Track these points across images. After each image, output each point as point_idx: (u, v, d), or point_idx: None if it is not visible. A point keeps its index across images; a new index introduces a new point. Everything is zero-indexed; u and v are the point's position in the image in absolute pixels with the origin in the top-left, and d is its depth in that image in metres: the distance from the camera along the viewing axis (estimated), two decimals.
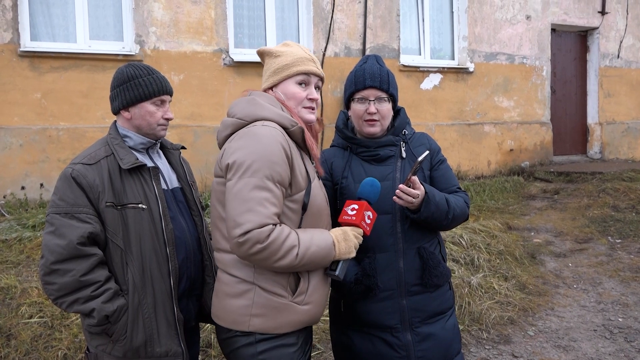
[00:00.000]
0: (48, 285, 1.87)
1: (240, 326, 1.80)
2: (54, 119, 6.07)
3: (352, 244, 1.86)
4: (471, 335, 3.99)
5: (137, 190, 1.98)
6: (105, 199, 1.92)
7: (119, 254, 1.94)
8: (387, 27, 8.04)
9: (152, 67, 2.10)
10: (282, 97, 1.94)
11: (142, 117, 2.05)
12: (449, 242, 5.18)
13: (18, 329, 3.37)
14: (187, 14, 6.67)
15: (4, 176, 5.82)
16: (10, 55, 5.86)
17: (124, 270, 1.94)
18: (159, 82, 2.06)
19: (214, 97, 6.84)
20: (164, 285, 1.98)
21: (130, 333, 1.92)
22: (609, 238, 6.08)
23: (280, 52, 1.97)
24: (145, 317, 1.94)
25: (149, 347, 1.95)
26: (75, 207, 1.88)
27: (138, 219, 1.96)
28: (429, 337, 2.09)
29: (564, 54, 10.17)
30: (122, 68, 2.08)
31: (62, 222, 1.86)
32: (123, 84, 2.04)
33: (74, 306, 1.87)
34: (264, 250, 1.67)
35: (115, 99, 2.07)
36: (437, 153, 2.24)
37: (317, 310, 1.89)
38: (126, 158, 1.98)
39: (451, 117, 8.69)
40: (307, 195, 1.85)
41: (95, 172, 1.93)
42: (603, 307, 4.49)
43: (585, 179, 8.33)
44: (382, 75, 2.12)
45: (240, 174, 1.72)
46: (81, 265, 1.84)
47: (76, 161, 1.96)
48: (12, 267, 4.13)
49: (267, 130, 1.78)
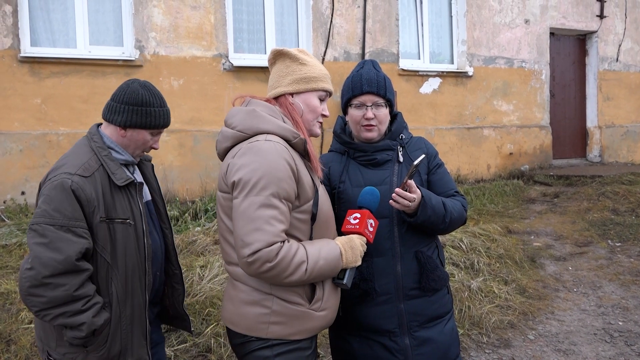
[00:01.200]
0: (33, 297, 1.80)
1: (258, 333, 1.81)
2: (54, 124, 6.08)
3: (358, 252, 1.87)
4: (471, 340, 3.99)
5: (125, 205, 1.98)
6: (100, 214, 1.90)
7: (105, 268, 1.93)
8: (386, 31, 8.06)
9: (163, 98, 2.10)
10: (301, 106, 1.94)
11: (135, 141, 2.05)
12: (449, 246, 5.19)
13: (18, 334, 3.37)
14: (186, 19, 6.70)
15: (4, 181, 5.83)
16: (11, 60, 5.88)
17: (108, 284, 1.94)
18: (166, 117, 2.08)
19: (213, 101, 6.85)
20: (141, 298, 2.03)
21: (110, 344, 1.94)
22: (609, 241, 6.08)
23: (306, 60, 1.96)
24: (123, 329, 1.97)
25: (122, 357, 1.98)
26: (72, 220, 1.84)
27: (125, 234, 1.97)
28: (427, 341, 2.09)
29: (563, 58, 10.19)
30: (139, 89, 2.02)
31: (57, 236, 1.81)
32: (134, 106, 2.00)
33: (59, 319, 1.83)
34: (274, 268, 1.68)
35: (118, 113, 2.01)
36: (435, 157, 2.25)
37: (332, 315, 1.93)
38: (118, 174, 1.97)
39: (450, 121, 8.70)
40: (315, 206, 1.86)
41: (92, 186, 1.90)
42: (603, 311, 4.48)
43: (585, 183, 8.33)
44: (379, 81, 2.13)
45: (246, 193, 1.72)
46: (75, 280, 1.82)
47: (71, 171, 1.90)
48: (12, 272, 4.14)
49: (271, 145, 1.77)
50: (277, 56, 2.00)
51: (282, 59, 1.98)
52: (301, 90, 1.94)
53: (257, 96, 1.99)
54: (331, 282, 1.90)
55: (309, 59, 1.98)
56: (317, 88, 1.95)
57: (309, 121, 1.96)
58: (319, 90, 1.97)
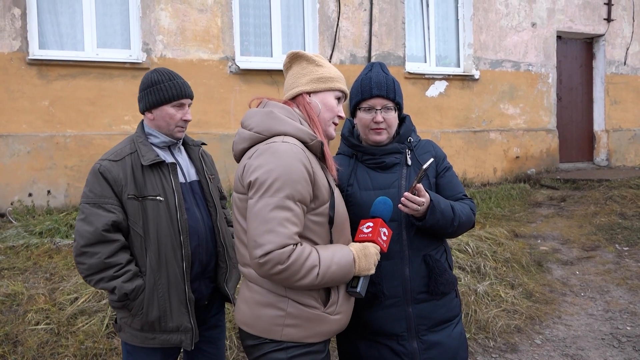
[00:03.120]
0: (80, 265, 2.14)
1: (272, 335, 1.81)
2: (62, 126, 6.11)
3: (372, 260, 1.86)
4: (478, 344, 3.97)
5: (156, 183, 2.21)
6: (128, 192, 2.16)
7: (139, 240, 2.19)
8: (393, 34, 8.06)
9: (174, 73, 2.32)
10: (319, 105, 1.96)
11: (162, 119, 2.28)
12: (455, 250, 5.17)
13: (25, 335, 3.39)
14: (193, 22, 6.72)
15: (11, 183, 5.86)
16: (19, 63, 5.92)
17: (143, 254, 2.19)
18: (179, 87, 2.28)
19: (220, 104, 6.87)
20: (177, 269, 2.21)
21: (146, 309, 2.17)
22: (616, 246, 6.04)
23: (322, 62, 2.00)
24: (159, 296, 2.19)
25: (162, 322, 2.20)
26: (102, 198, 2.14)
27: (156, 209, 2.19)
28: (436, 345, 2.08)
29: (570, 61, 10.16)
30: (148, 73, 2.31)
31: (90, 211, 2.13)
32: (147, 88, 2.28)
33: (100, 284, 2.14)
34: (285, 270, 1.68)
35: (141, 101, 2.31)
36: (443, 160, 2.24)
37: (346, 319, 1.93)
38: (147, 155, 2.21)
39: (457, 124, 8.68)
40: (332, 209, 1.86)
41: (120, 168, 2.18)
42: (611, 316, 4.45)
43: (592, 186, 8.29)
44: (388, 84, 2.13)
45: (261, 193, 1.72)
46: (106, 249, 2.11)
47: (104, 157, 2.22)
48: (19, 273, 4.15)
49: (287, 147, 1.77)
50: (293, 59, 2.02)
51: (298, 61, 2.01)
52: (318, 89, 1.96)
53: (275, 98, 2.00)
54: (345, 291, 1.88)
55: (324, 62, 2.01)
56: (334, 88, 1.97)
57: (326, 121, 1.97)
58: (336, 90, 1.99)
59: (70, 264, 4.32)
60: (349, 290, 1.87)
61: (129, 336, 2.23)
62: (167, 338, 2.22)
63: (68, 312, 3.60)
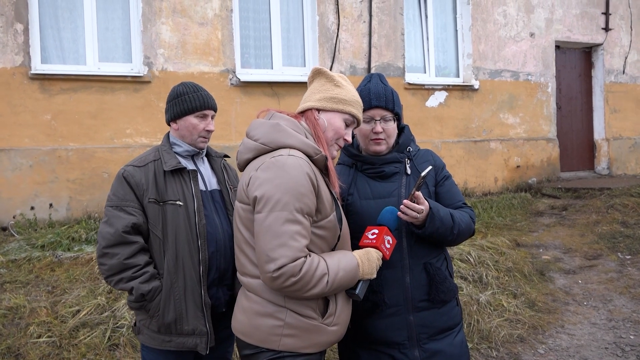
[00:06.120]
0: (101, 266, 2.23)
1: (270, 344, 1.82)
2: (64, 140, 6.15)
3: (374, 265, 1.89)
4: (480, 354, 3.95)
5: (177, 189, 2.29)
6: (149, 196, 2.25)
7: (158, 243, 2.26)
8: (392, 46, 8.12)
9: (199, 86, 2.42)
10: (325, 123, 1.96)
11: (186, 129, 2.37)
12: (457, 260, 5.16)
13: (27, 348, 3.38)
14: (194, 35, 6.78)
15: (14, 196, 5.88)
16: (22, 77, 5.97)
17: (162, 257, 2.26)
18: (202, 99, 2.38)
19: (220, 116, 6.90)
20: (194, 273, 2.26)
21: (163, 311, 2.22)
22: (619, 254, 6.03)
23: (340, 83, 2.00)
24: (176, 299, 2.23)
25: (179, 325, 2.24)
26: (124, 201, 2.24)
27: (175, 214, 2.26)
28: (437, 353, 2.08)
29: (569, 71, 10.20)
30: (175, 86, 2.43)
31: (112, 214, 2.23)
32: (173, 100, 2.39)
33: (119, 284, 2.21)
34: (298, 282, 1.71)
35: (167, 112, 2.43)
36: (442, 169, 2.26)
37: (343, 330, 1.94)
38: (169, 162, 2.31)
39: (457, 134, 8.71)
40: (339, 222, 1.89)
41: (143, 173, 2.28)
42: (614, 325, 4.43)
43: (594, 195, 8.28)
44: (387, 95, 2.15)
45: (270, 208, 1.74)
46: (125, 250, 2.19)
47: (129, 163, 2.34)
48: (21, 286, 4.16)
49: (294, 160, 1.79)
50: (315, 75, 2.04)
51: (319, 77, 2.03)
52: (327, 108, 1.97)
53: (282, 110, 2.01)
54: (344, 295, 1.91)
55: (344, 83, 2.01)
56: (344, 110, 1.97)
57: (329, 140, 1.97)
58: (346, 114, 1.98)
59: (72, 276, 4.32)
60: (348, 293, 1.90)
61: (147, 338, 2.29)
62: (182, 341, 2.26)
63: (70, 325, 3.60)
